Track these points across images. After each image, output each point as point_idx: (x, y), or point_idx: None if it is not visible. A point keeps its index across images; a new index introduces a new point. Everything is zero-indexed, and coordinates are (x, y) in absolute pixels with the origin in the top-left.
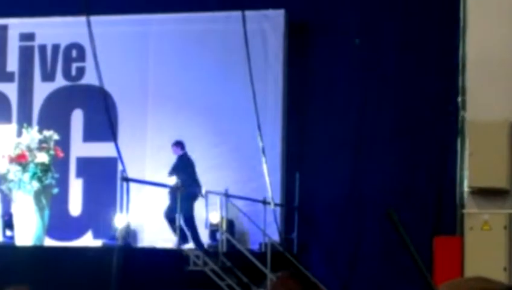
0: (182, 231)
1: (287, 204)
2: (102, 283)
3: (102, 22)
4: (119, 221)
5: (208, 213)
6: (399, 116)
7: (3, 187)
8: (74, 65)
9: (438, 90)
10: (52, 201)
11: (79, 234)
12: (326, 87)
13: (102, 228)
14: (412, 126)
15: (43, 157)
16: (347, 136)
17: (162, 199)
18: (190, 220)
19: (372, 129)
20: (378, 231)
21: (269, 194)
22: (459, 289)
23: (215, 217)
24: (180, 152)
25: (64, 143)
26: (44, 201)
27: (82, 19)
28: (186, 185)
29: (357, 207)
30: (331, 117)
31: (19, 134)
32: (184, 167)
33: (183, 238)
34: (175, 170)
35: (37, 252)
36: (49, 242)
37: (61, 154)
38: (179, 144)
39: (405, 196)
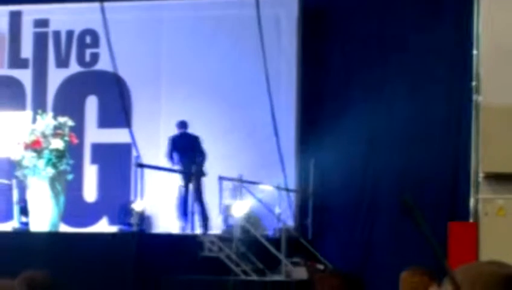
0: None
1: (302, 190)
2: (118, 268)
3: (116, 8)
4: (137, 206)
5: (221, 199)
6: (413, 101)
7: (19, 174)
8: (88, 51)
9: (452, 75)
10: (67, 187)
11: (94, 220)
12: (341, 73)
13: (117, 214)
14: (425, 112)
15: (57, 144)
16: (361, 122)
17: (176, 185)
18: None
19: (387, 115)
20: (393, 217)
21: (284, 180)
22: (471, 272)
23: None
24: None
25: (78, 129)
26: (59, 187)
27: (96, 5)
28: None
29: (371, 193)
30: (345, 103)
31: (34, 120)
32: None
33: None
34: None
35: (52, 238)
36: (64, 228)
37: (75, 141)
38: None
39: (419, 182)
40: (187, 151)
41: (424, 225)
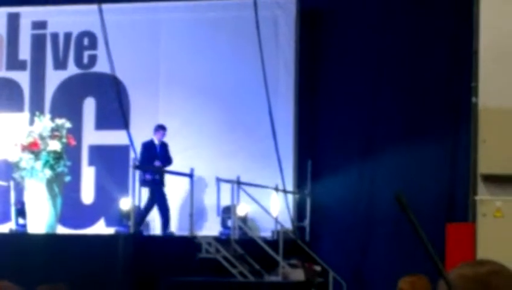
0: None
1: (299, 191)
2: (115, 270)
3: (113, 10)
4: (125, 204)
5: (219, 200)
6: (411, 102)
7: (16, 175)
8: (86, 53)
9: (450, 77)
10: (65, 189)
11: (91, 222)
12: (338, 74)
13: (114, 215)
14: (424, 112)
15: (55, 146)
16: (359, 122)
17: (174, 187)
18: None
19: (384, 115)
20: (390, 218)
21: (281, 182)
22: (450, 276)
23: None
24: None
25: (76, 131)
26: (56, 189)
27: (94, 7)
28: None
29: (368, 194)
30: (343, 104)
31: (31, 122)
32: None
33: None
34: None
35: (49, 240)
36: (61, 230)
37: (73, 143)
38: (163, 128)
39: (417, 183)
40: (155, 158)
41: (416, 222)
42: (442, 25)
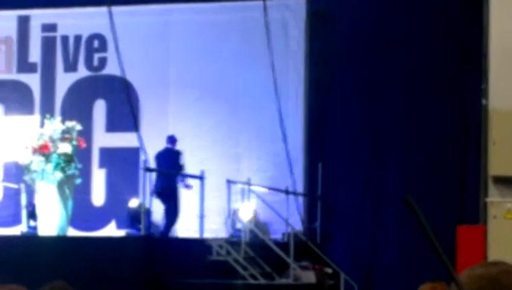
0: None
1: (310, 194)
2: (126, 272)
3: (123, 13)
4: (133, 203)
5: (230, 202)
6: (421, 104)
7: (27, 178)
8: (96, 56)
9: (460, 79)
10: (75, 191)
11: (102, 224)
12: (348, 76)
13: (124, 218)
14: (434, 115)
15: (66, 148)
16: (369, 125)
17: (184, 189)
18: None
19: (394, 118)
20: (401, 221)
21: (292, 184)
22: (461, 277)
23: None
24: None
25: (86, 133)
26: (67, 191)
27: (103, 10)
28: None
29: (379, 196)
30: (352, 106)
31: (42, 125)
32: None
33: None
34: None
35: (60, 242)
36: (72, 232)
37: (84, 145)
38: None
39: (427, 185)
40: (167, 167)
41: (426, 224)
42: (452, 27)
